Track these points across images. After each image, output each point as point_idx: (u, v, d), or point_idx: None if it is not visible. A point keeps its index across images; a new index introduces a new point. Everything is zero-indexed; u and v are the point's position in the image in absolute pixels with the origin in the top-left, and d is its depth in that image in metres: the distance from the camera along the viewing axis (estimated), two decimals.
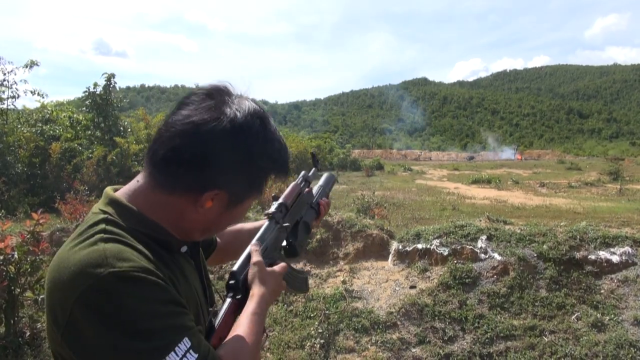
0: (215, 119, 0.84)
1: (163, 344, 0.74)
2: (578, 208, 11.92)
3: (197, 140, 0.83)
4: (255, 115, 0.88)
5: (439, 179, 24.19)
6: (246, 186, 0.91)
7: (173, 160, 0.84)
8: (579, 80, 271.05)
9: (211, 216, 0.90)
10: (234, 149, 0.85)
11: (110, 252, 0.77)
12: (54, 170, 12.71)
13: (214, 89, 0.89)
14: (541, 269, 4.15)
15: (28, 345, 3.89)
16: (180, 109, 0.87)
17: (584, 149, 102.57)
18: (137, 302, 0.73)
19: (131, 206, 0.87)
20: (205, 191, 0.86)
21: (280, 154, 0.93)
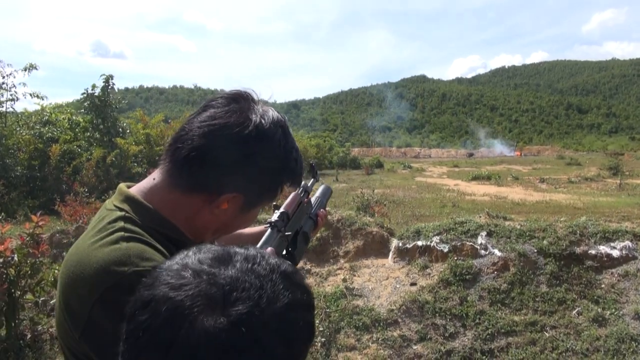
0: (240, 123, 0.85)
1: None
2: (578, 203, 11.93)
3: (222, 143, 0.84)
4: (278, 124, 0.89)
5: (439, 176, 24.20)
6: (263, 192, 0.92)
7: (195, 161, 0.84)
8: (577, 75, 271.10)
9: (225, 218, 0.91)
10: (257, 155, 0.86)
11: (134, 251, 0.77)
12: (53, 172, 12.71)
13: (239, 94, 0.90)
14: (541, 264, 4.15)
15: (29, 347, 3.89)
16: (205, 110, 0.88)
17: (583, 144, 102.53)
18: None
19: (147, 204, 0.87)
20: (224, 193, 0.86)
21: (297, 163, 0.94)
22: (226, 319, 0.49)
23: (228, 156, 0.84)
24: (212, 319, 0.49)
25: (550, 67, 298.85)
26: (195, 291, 0.51)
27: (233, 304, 0.50)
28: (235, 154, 0.84)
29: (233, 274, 0.53)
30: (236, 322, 0.49)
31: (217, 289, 0.51)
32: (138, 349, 0.51)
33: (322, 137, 39.84)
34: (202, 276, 0.53)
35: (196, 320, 0.49)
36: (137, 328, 0.52)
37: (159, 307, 0.51)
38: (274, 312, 0.52)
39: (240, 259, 0.56)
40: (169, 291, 0.52)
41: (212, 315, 0.49)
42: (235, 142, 0.84)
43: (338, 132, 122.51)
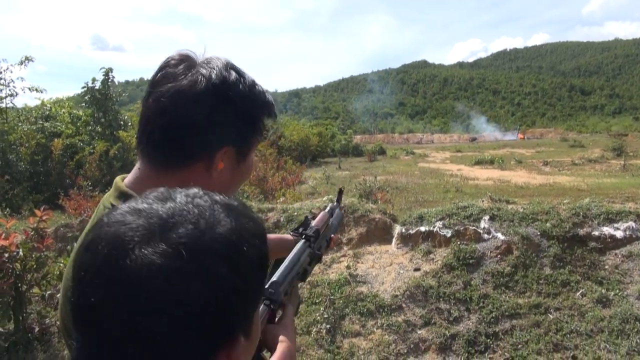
0: (194, 81, 0.84)
1: None
2: (582, 185, 11.90)
3: (186, 107, 0.83)
4: (229, 67, 0.89)
5: (442, 162, 24.15)
6: (247, 134, 0.92)
7: (172, 135, 0.84)
8: (580, 56, 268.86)
9: (225, 177, 0.91)
10: (222, 102, 0.85)
11: None
12: (56, 167, 12.75)
13: (183, 57, 0.89)
14: (545, 247, 4.15)
15: (37, 340, 3.93)
16: (157, 86, 0.87)
17: (586, 125, 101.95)
18: None
19: None
20: (216, 152, 0.87)
21: (265, 94, 0.94)
22: (165, 244, 0.49)
23: (197, 117, 0.84)
24: (151, 247, 0.48)
25: (552, 49, 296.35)
26: (134, 225, 0.51)
27: (171, 230, 0.50)
28: (202, 112, 0.84)
29: (173, 206, 0.54)
30: (176, 246, 0.49)
31: (157, 220, 0.51)
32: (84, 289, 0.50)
33: (324, 125, 39.71)
34: (142, 212, 0.52)
35: (134, 250, 0.48)
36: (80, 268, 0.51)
37: (99, 245, 0.50)
38: (215, 236, 0.52)
39: (181, 195, 0.56)
40: (109, 229, 0.51)
41: (151, 243, 0.49)
42: (196, 101, 0.84)
43: (340, 120, 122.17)
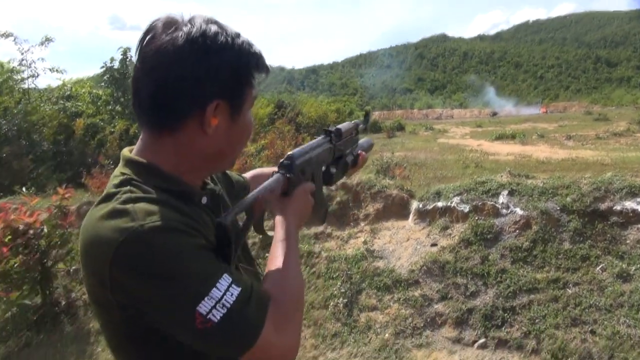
0: (175, 37, 0.84)
1: (202, 283, 0.76)
2: (606, 159, 11.64)
3: (170, 63, 0.83)
4: (209, 22, 0.88)
5: (462, 137, 23.85)
6: (238, 87, 0.90)
7: (160, 94, 0.84)
8: (606, 27, 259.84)
9: (222, 134, 0.90)
10: (203, 54, 0.84)
11: (139, 208, 0.79)
12: (78, 146, 12.97)
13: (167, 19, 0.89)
14: (565, 221, 4.09)
15: (64, 313, 4.07)
16: (143, 49, 0.87)
17: (612, 98, 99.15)
18: (170, 250, 0.76)
19: (146, 162, 0.88)
20: (205, 106, 0.85)
21: (249, 44, 0.92)
22: None
23: (181, 73, 0.83)
24: None
25: (577, 20, 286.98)
26: None
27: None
28: (184, 66, 0.83)
29: None
30: None
31: None
32: None
33: (342, 101, 39.44)
34: None
35: None
36: None
37: None
38: None
39: None
40: None
41: None
42: (178, 56, 0.83)
43: (358, 96, 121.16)
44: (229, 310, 0.76)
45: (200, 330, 0.75)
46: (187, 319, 0.75)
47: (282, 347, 0.84)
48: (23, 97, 13.41)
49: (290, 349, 0.86)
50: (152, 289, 0.75)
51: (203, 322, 0.75)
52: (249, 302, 0.80)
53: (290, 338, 0.86)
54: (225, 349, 0.79)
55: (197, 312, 0.74)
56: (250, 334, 0.79)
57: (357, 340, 3.49)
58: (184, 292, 0.75)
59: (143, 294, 0.76)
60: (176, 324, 0.77)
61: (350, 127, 1.34)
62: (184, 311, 0.75)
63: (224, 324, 0.76)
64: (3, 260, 3.71)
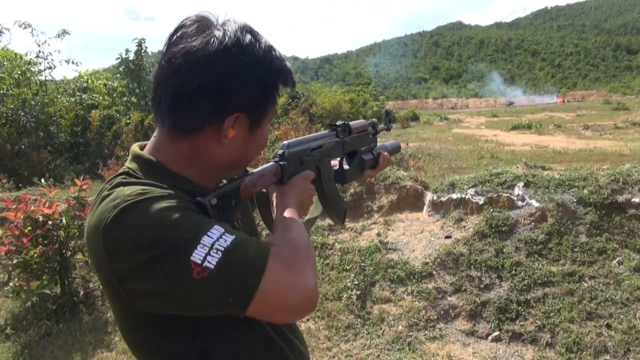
0: (207, 42, 0.82)
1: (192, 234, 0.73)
2: (624, 150, 11.44)
3: (198, 69, 0.81)
4: (245, 30, 0.86)
5: (477, 127, 23.61)
6: (261, 101, 0.88)
7: (181, 98, 0.82)
8: (627, 13, 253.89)
9: (237, 145, 0.88)
10: (234, 65, 0.82)
11: (127, 189, 0.77)
12: (95, 137, 13.12)
13: (199, 18, 0.86)
14: (581, 214, 4.04)
15: (83, 303, 4.15)
16: (171, 47, 0.84)
17: (632, 87, 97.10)
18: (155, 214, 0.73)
19: (153, 159, 0.86)
20: (225, 117, 0.84)
21: (281, 60, 0.90)
22: None
23: (207, 80, 0.81)
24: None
25: (597, 6, 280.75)
26: None
27: None
28: (213, 74, 0.81)
29: None
30: None
31: None
32: None
33: (356, 91, 39.14)
34: None
35: None
36: None
37: None
38: None
39: None
40: None
41: None
42: (207, 63, 0.81)
43: (372, 86, 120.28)
44: (224, 253, 0.73)
45: (198, 280, 0.71)
46: (183, 273, 0.71)
47: (296, 285, 0.79)
48: (40, 89, 13.59)
49: (307, 290, 0.80)
50: (144, 256, 0.71)
51: (200, 272, 0.71)
52: (246, 245, 0.77)
53: (304, 277, 0.80)
54: (231, 296, 0.74)
55: (192, 262, 0.71)
56: (253, 272, 0.75)
57: (370, 332, 3.50)
58: (174, 247, 0.71)
59: (139, 267, 0.72)
60: (175, 284, 0.72)
61: (362, 123, 1.31)
62: (179, 265, 0.71)
63: (222, 268, 0.72)
64: (23, 250, 3.79)
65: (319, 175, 1.14)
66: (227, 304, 0.74)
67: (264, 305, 0.76)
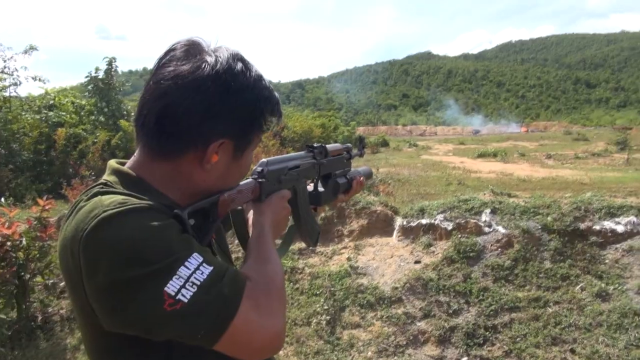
0: (197, 67, 0.81)
1: (169, 262, 0.70)
2: (585, 179, 11.87)
3: (186, 93, 0.80)
4: (236, 58, 0.86)
5: (445, 154, 24.12)
6: (247, 129, 0.88)
7: (167, 121, 0.81)
8: (585, 49, 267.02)
9: (219, 171, 0.88)
10: (224, 92, 0.82)
11: (107, 198, 0.75)
12: (59, 156, 12.76)
13: (190, 42, 0.86)
14: (545, 240, 4.15)
15: (40, 329, 3.97)
16: (160, 69, 0.84)
17: (591, 119, 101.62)
18: (133, 231, 0.71)
19: (133, 173, 0.85)
20: (209, 144, 0.83)
21: (270, 90, 0.91)
22: None
23: (196, 105, 0.80)
24: None
25: (557, 41, 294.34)
26: None
27: None
28: (202, 99, 0.81)
29: None
30: None
31: None
32: None
33: (327, 116, 39.55)
34: None
35: None
36: None
37: None
38: None
39: None
40: None
41: None
42: (197, 87, 0.80)
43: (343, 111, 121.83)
44: (199, 287, 0.71)
45: (170, 313, 0.69)
46: (155, 302, 0.69)
47: (266, 327, 0.78)
48: (4, 105, 13.20)
49: (276, 332, 0.80)
50: (119, 276, 0.69)
51: (172, 304, 0.69)
52: (222, 280, 0.74)
53: (274, 320, 0.80)
54: (200, 331, 0.72)
55: (165, 292, 0.69)
56: (226, 311, 0.73)
57: (339, 358, 3.46)
58: (150, 274, 0.69)
59: (108, 285, 0.70)
60: (144, 312, 0.69)
61: (338, 147, 1.32)
62: (151, 294, 0.68)
63: (195, 303, 0.70)
64: None
65: (295, 196, 1.13)
66: (194, 339, 0.73)
67: (231, 343, 0.75)
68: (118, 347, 0.80)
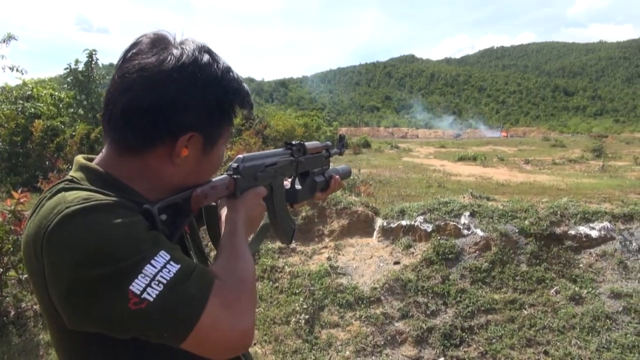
0: (163, 60, 0.80)
1: (135, 260, 0.69)
2: (561, 184, 12.09)
3: (152, 85, 0.79)
4: (203, 50, 0.85)
5: (426, 157, 24.32)
6: (216, 122, 0.87)
7: (133, 115, 0.79)
8: (565, 57, 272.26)
9: (190, 165, 0.86)
10: (190, 84, 0.81)
11: (71, 194, 0.74)
12: (36, 148, 12.48)
13: (156, 36, 0.85)
14: (522, 244, 4.22)
15: (13, 324, 3.88)
16: (125, 62, 0.82)
17: (568, 126, 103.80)
18: (98, 227, 0.69)
19: (100, 169, 0.83)
20: (178, 137, 0.81)
21: (239, 82, 0.89)
22: None
23: (162, 98, 0.79)
24: None
25: (538, 49, 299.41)
26: None
27: None
28: (168, 92, 0.79)
29: None
30: None
31: None
32: None
33: (310, 115, 39.57)
34: None
35: None
36: None
37: None
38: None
39: None
40: None
41: None
42: (163, 80, 0.79)
43: (326, 112, 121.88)
44: (165, 286, 0.70)
45: (134, 311, 0.68)
46: (120, 301, 0.67)
47: (234, 326, 0.76)
48: None
49: (244, 331, 0.78)
50: (83, 275, 0.67)
51: (137, 303, 0.68)
52: (189, 278, 0.73)
53: (243, 318, 0.78)
54: (167, 330, 0.71)
55: (130, 291, 0.68)
56: (192, 310, 0.72)
57: (317, 357, 3.47)
58: (115, 272, 0.68)
59: (71, 284, 0.68)
60: (109, 311, 0.68)
61: (317, 145, 1.32)
62: (115, 292, 0.67)
63: (160, 302, 0.69)
64: None
65: (271, 193, 1.12)
66: (160, 337, 0.72)
67: (199, 342, 0.74)
68: (84, 345, 0.79)
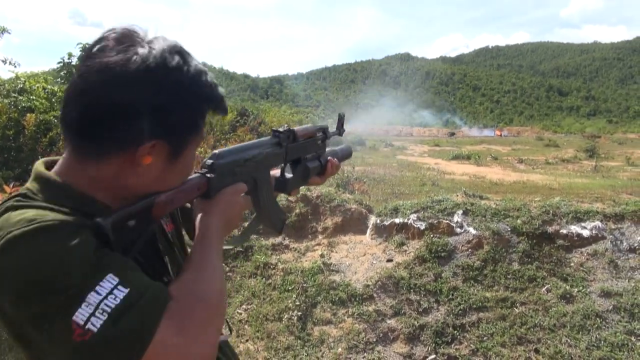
0: (127, 60, 0.72)
1: (77, 288, 0.64)
2: (554, 184, 12.16)
3: (113, 88, 0.71)
4: (173, 51, 0.77)
5: (420, 155, 24.39)
6: (185, 129, 0.80)
7: (91, 118, 0.72)
8: (559, 57, 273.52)
9: (154, 174, 0.79)
10: (156, 88, 0.74)
11: (17, 215, 0.68)
12: (28, 143, 12.36)
13: (124, 32, 0.77)
14: (514, 242, 4.25)
15: None
16: (87, 61, 0.75)
17: (562, 126, 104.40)
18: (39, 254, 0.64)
19: (58, 179, 0.76)
20: (139, 144, 0.74)
21: (211, 86, 0.82)
22: None
23: (122, 103, 0.72)
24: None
25: (532, 49, 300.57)
26: None
27: None
28: (129, 97, 0.72)
29: None
30: None
31: None
32: None
33: (305, 113, 39.57)
34: None
35: None
36: None
37: None
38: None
39: None
40: None
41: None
42: (124, 83, 0.72)
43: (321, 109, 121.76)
44: (110, 315, 0.64)
45: (78, 343, 0.63)
46: (63, 334, 0.63)
47: (188, 352, 0.70)
48: None
49: (202, 354, 0.72)
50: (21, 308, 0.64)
51: (82, 334, 0.63)
52: (137, 303, 0.67)
53: (199, 342, 0.71)
54: None
55: (73, 322, 0.63)
56: (139, 339, 0.66)
57: (309, 354, 3.48)
58: (55, 303, 0.63)
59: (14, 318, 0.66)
60: (53, 344, 0.64)
61: (309, 129, 1.24)
62: (58, 324, 0.63)
63: (105, 333, 0.63)
64: None
65: (255, 187, 1.04)
66: None
67: None
68: None
